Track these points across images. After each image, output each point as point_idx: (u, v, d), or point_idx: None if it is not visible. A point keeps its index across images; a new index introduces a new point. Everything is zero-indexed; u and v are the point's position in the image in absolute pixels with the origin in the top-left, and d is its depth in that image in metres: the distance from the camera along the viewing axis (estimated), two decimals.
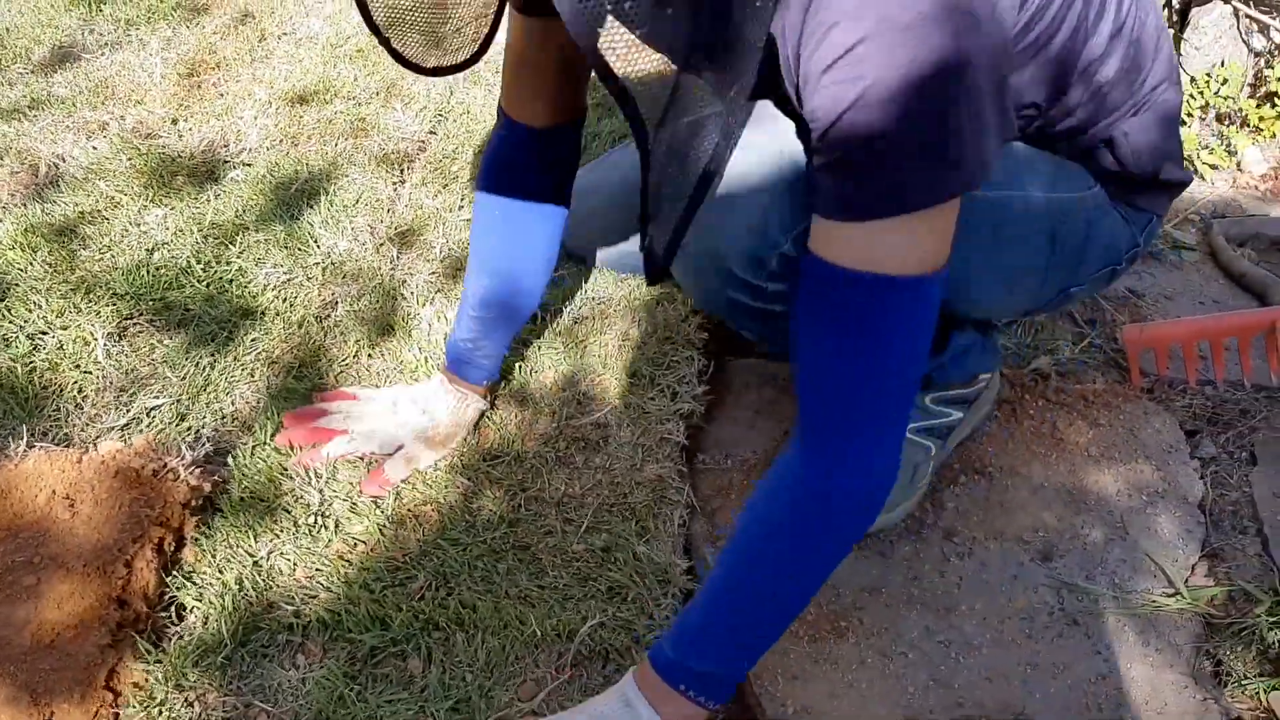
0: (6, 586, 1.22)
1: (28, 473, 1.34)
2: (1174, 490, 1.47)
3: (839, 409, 1.01)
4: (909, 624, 1.33)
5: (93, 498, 1.31)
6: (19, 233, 1.83)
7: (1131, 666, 1.28)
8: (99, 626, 1.19)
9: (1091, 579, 1.37)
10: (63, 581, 1.22)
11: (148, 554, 1.28)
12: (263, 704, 1.21)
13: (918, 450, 1.43)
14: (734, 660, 1.10)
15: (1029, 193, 1.18)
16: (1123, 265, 1.30)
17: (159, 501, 1.33)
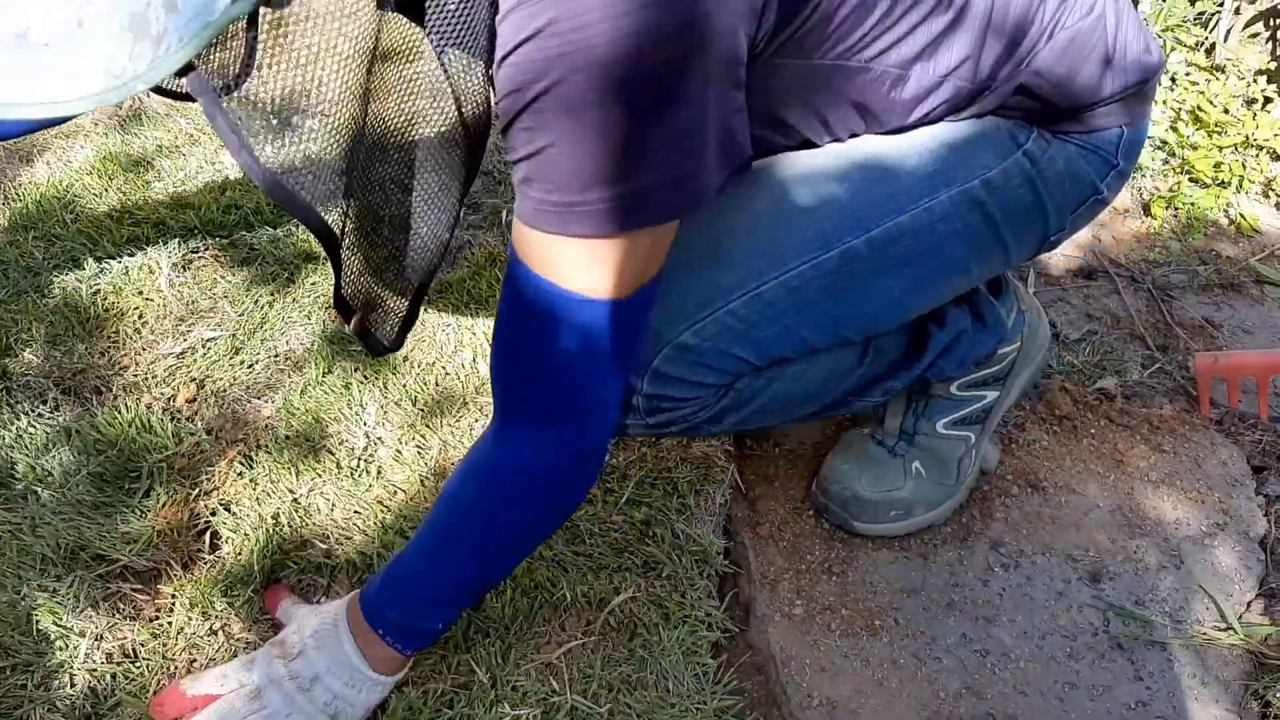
0: None
1: None
2: (1235, 524, 1.42)
3: (510, 396, 1.02)
4: (946, 629, 1.29)
5: None
6: (97, 159, 1.85)
7: (1175, 697, 1.23)
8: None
9: (1141, 604, 1.32)
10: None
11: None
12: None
13: (956, 444, 1.38)
14: (428, 618, 1.10)
15: (931, 199, 1.09)
16: (1104, 193, 1.19)
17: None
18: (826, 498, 1.37)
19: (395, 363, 1.53)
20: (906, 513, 1.36)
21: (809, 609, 1.31)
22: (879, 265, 1.10)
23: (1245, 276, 1.84)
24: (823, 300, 1.10)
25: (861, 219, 1.08)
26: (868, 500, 1.35)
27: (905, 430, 1.38)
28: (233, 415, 1.45)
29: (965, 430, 1.39)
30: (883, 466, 1.37)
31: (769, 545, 1.38)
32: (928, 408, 1.36)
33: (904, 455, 1.38)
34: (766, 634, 1.28)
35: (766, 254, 1.07)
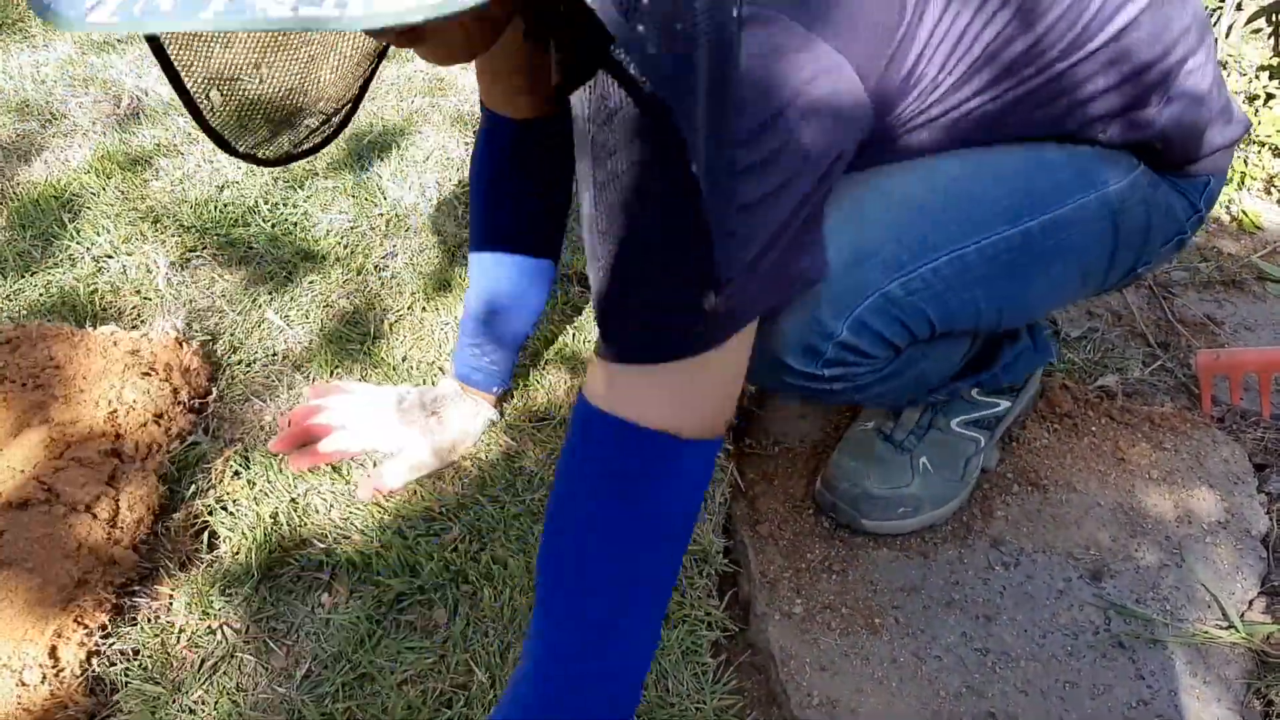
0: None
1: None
2: (1237, 522, 1.41)
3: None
4: (946, 628, 1.28)
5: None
6: (95, 158, 1.84)
7: (1176, 696, 1.22)
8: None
9: (1142, 603, 1.31)
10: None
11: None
12: (284, 639, 1.20)
13: (967, 444, 1.39)
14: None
15: (1085, 197, 1.13)
16: (1187, 233, 1.24)
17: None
18: (834, 495, 1.37)
19: (394, 363, 1.52)
20: (915, 510, 1.36)
21: (809, 608, 1.30)
22: (1044, 253, 1.11)
23: (1247, 273, 1.83)
24: (1003, 277, 1.10)
25: (1038, 202, 1.08)
26: (877, 497, 1.35)
27: (920, 425, 1.38)
28: (230, 415, 1.45)
29: (977, 432, 1.40)
30: (890, 463, 1.37)
31: (768, 544, 1.37)
32: (948, 406, 1.38)
33: (911, 451, 1.38)
34: (766, 633, 1.27)
35: (968, 218, 1.07)
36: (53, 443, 1.30)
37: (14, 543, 1.19)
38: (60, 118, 1.98)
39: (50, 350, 1.41)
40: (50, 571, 1.17)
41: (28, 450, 1.29)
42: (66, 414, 1.33)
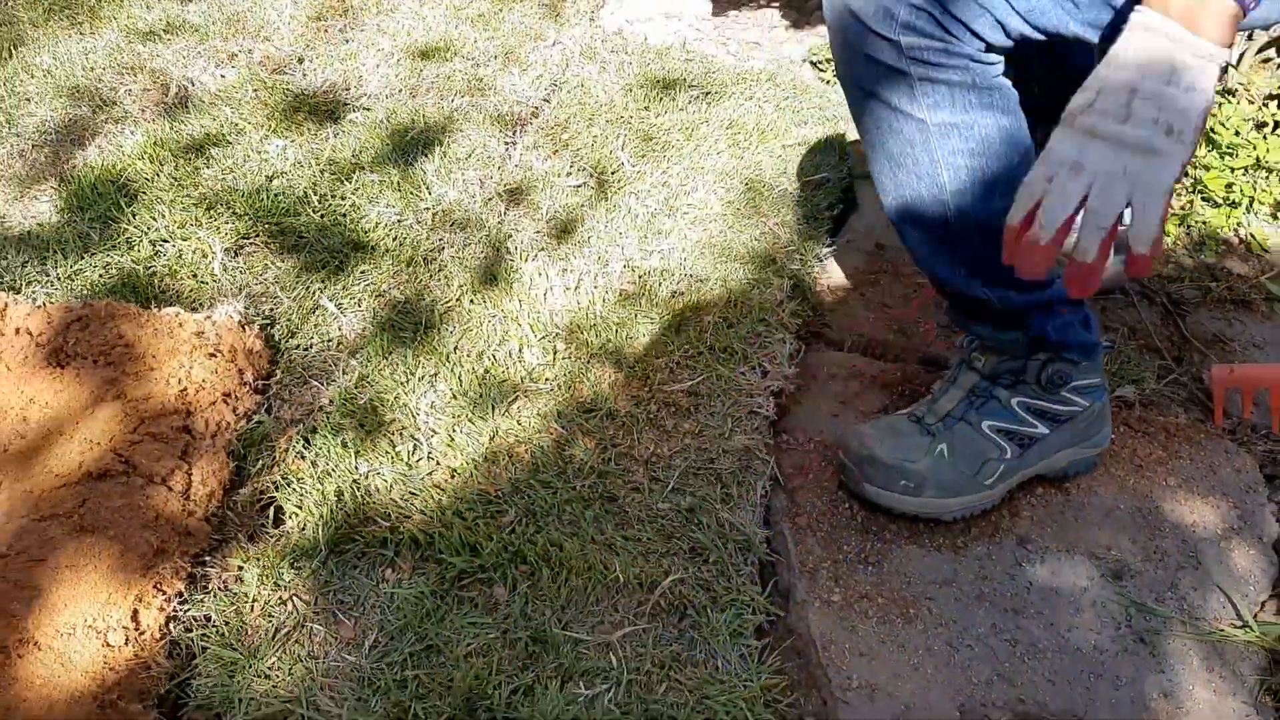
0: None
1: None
2: (1249, 528, 1.49)
3: None
4: (977, 619, 1.35)
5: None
6: (148, 145, 1.89)
7: (1194, 689, 1.30)
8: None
9: (1161, 601, 1.39)
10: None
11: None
12: (351, 611, 1.26)
13: (990, 446, 1.42)
14: None
15: None
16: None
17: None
18: (845, 454, 1.43)
19: (445, 351, 1.58)
20: (918, 488, 1.40)
21: (846, 596, 1.37)
22: None
23: (1255, 293, 1.91)
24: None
25: None
26: (882, 462, 1.39)
27: (952, 414, 1.42)
28: (290, 397, 1.50)
29: (1005, 442, 1.43)
30: (908, 437, 1.41)
31: (807, 535, 1.44)
32: (984, 406, 1.42)
33: (935, 435, 1.41)
34: (807, 619, 1.34)
35: None
36: (126, 417, 1.35)
37: (96, 511, 1.24)
38: (110, 104, 2.02)
39: (119, 329, 1.46)
40: (131, 539, 1.22)
41: (104, 424, 1.34)
42: (139, 390, 1.38)
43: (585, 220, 1.86)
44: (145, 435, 1.33)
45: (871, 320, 1.80)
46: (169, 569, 1.23)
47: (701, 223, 1.88)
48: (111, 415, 1.35)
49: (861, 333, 1.77)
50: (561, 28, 2.47)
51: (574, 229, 1.84)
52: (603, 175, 1.97)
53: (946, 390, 1.45)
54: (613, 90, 2.22)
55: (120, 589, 1.19)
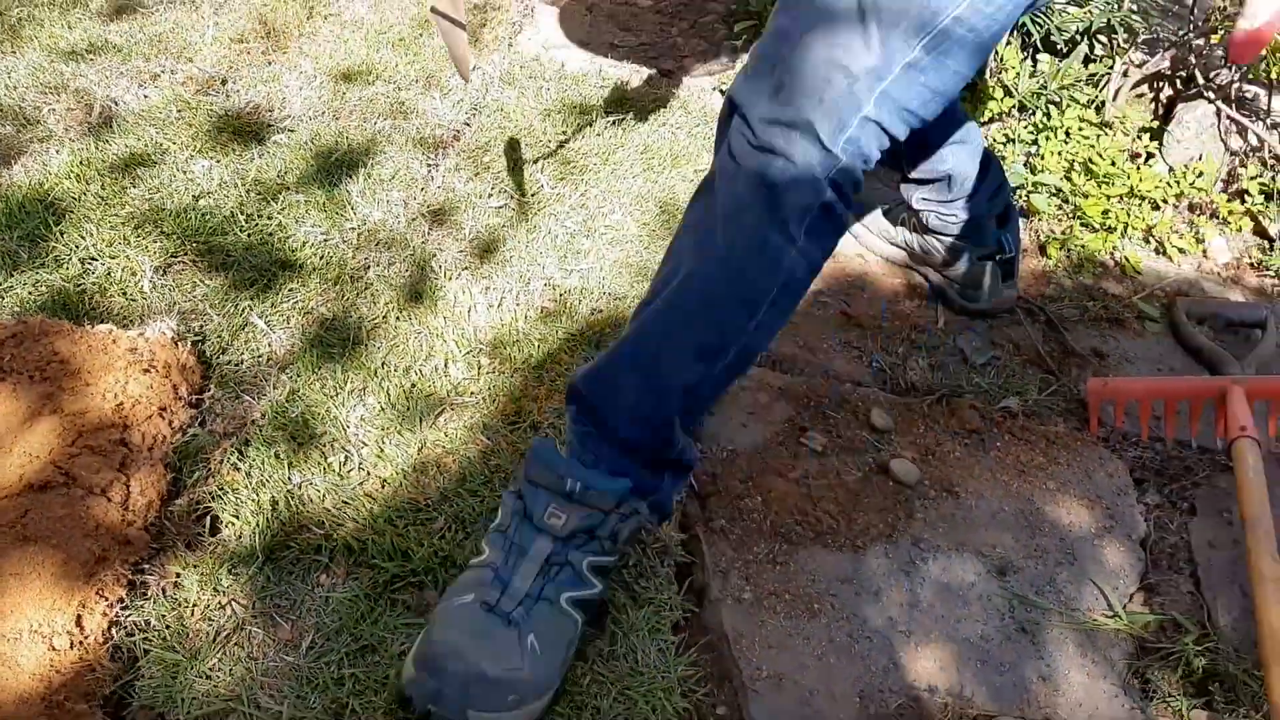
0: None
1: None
2: (1120, 527, 1.63)
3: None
4: (875, 613, 1.46)
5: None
6: (74, 164, 1.93)
7: (1070, 673, 1.42)
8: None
9: (1041, 594, 1.52)
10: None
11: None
12: (288, 614, 1.32)
13: (568, 625, 1.28)
14: None
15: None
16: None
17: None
18: (439, 680, 1.17)
19: (374, 367, 1.65)
20: (521, 700, 1.21)
21: (756, 594, 1.47)
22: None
23: (1129, 312, 2.07)
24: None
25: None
26: (490, 680, 1.19)
27: (531, 594, 1.25)
28: (223, 411, 1.55)
29: (577, 613, 1.29)
30: (498, 640, 1.22)
31: (719, 539, 1.53)
32: (560, 575, 1.27)
33: (520, 626, 1.23)
34: (720, 615, 1.43)
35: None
36: (65, 431, 1.39)
37: (39, 521, 1.28)
38: (34, 123, 2.05)
39: (54, 345, 1.50)
40: (72, 548, 1.27)
41: (42, 437, 1.38)
42: (76, 405, 1.43)
43: (506, 240, 1.95)
44: (84, 448, 1.38)
45: (779, 337, 1.91)
46: (110, 576, 1.28)
47: (619, 243, 1.97)
48: (50, 429, 1.39)
49: (769, 349, 1.88)
50: (480, 53, 2.55)
51: (496, 249, 1.92)
52: (522, 197, 2.05)
53: (517, 565, 1.26)
54: (531, 115, 2.30)
55: (64, 595, 1.23)
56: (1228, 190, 2.35)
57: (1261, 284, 2.21)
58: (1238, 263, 2.26)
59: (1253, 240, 2.31)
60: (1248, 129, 2.33)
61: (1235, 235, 2.30)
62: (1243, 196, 2.30)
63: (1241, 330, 2.06)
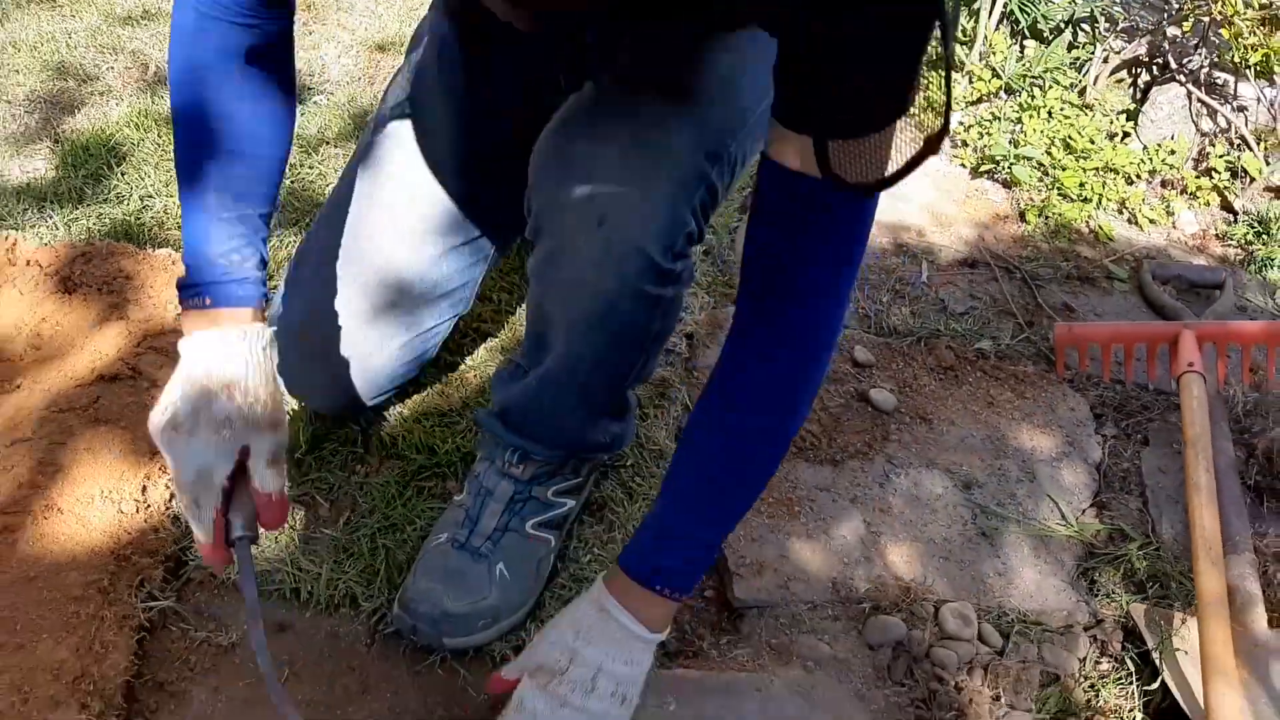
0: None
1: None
2: (1078, 453, 1.79)
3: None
4: (849, 516, 1.63)
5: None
6: (132, 115, 2.11)
7: (1023, 570, 1.59)
8: None
9: (1001, 506, 1.68)
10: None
11: None
12: (328, 495, 1.49)
13: (540, 546, 1.42)
14: (707, 548, 1.16)
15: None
16: None
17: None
18: (415, 619, 1.32)
19: None
20: (493, 620, 1.35)
21: None
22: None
23: (1099, 273, 2.23)
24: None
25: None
26: (456, 615, 1.32)
27: (498, 528, 1.38)
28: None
29: (548, 533, 1.42)
30: (467, 577, 1.35)
31: None
32: (525, 507, 1.40)
33: (488, 557, 1.37)
34: None
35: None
36: (130, 334, 1.57)
37: (109, 406, 1.46)
38: (94, 79, 2.23)
39: (119, 263, 1.67)
40: (139, 430, 1.44)
41: (110, 339, 1.56)
42: (140, 314, 1.60)
43: None
44: (148, 349, 1.55)
45: None
46: None
47: None
48: (117, 332, 1.56)
49: None
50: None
51: None
52: None
53: (483, 506, 1.39)
54: None
55: (130, 468, 1.41)
56: (1197, 168, 2.51)
57: (1225, 253, 2.37)
58: (1204, 234, 2.42)
59: (1219, 214, 2.47)
60: (1217, 111, 2.50)
61: (1203, 209, 2.46)
62: (1211, 173, 2.47)
63: (1203, 291, 2.22)
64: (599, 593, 1.13)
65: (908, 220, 2.31)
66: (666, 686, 1.35)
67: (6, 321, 1.57)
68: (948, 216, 2.34)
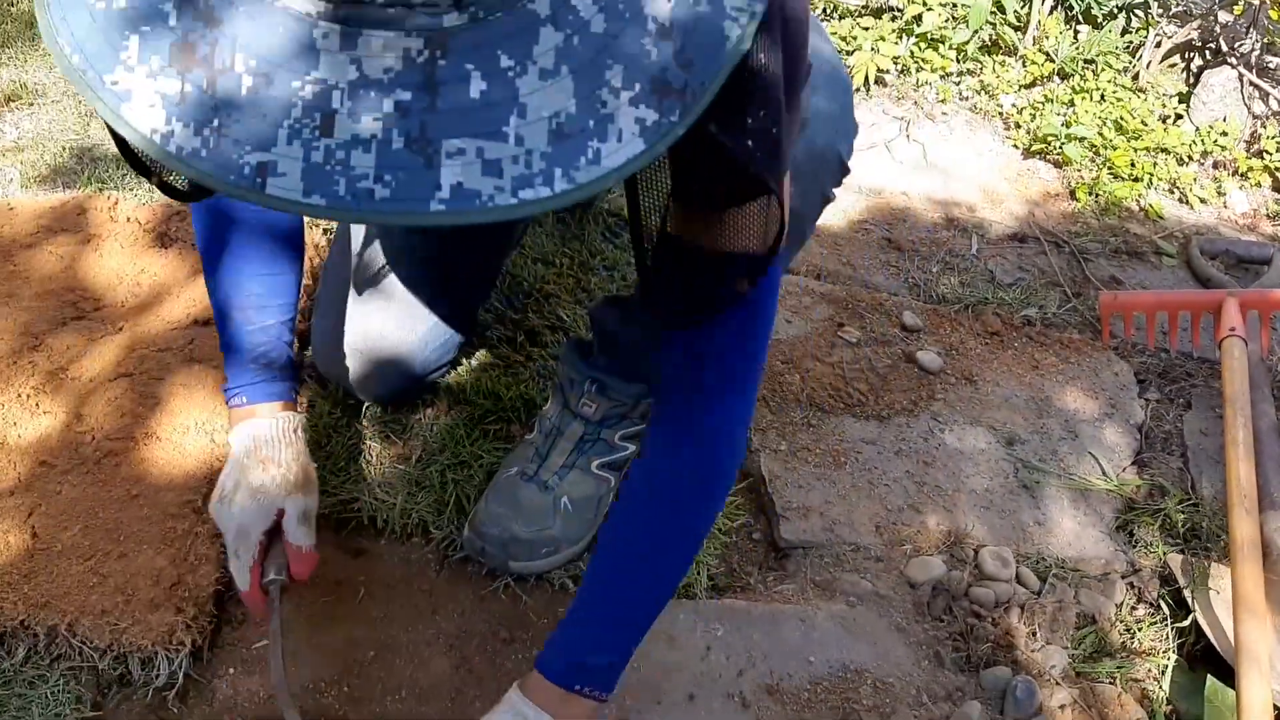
0: None
1: None
2: (1120, 414, 1.85)
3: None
4: (895, 468, 1.70)
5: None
6: None
7: (1063, 521, 1.65)
8: None
9: (1043, 461, 1.74)
10: None
11: None
12: (400, 435, 1.59)
13: (602, 485, 1.49)
14: (624, 645, 1.15)
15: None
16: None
17: None
18: (484, 541, 1.42)
19: None
20: (555, 549, 1.44)
21: (791, 447, 1.71)
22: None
23: (1147, 248, 2.28)
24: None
25: None
26: (523, 540, 1.41)
27: (565, 465, 1.46)
28: None
29: (610, 474, 1.50)
30: (534, 506, 1.43)
31: (760, 405, 1.78)
32: (592, 447, 1.48)
33: (554, 491, 1.45)
34: (758, 461, 1.68)
35: None
36: None
37: (202, 347, 1.58)
38: None
39: None
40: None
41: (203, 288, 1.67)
42: None
43: None
44: None
45: (824, 255, 2.15)
46: None
47: None
48: None
49: (815, 264, 2.12)
50: None
51: None
52: None
53: (553, 444, 1.48)
54: None
55: (221, 404, 1.51)
56: (1249, 149, 2.54)
57: (1275, 232, 2.40)
58: (1254, 213, 2.45)
59: (1270, 195, 2.50)
60: (1269, 94, 2.52)
61: (1254, 189, 2.49)
62: (1262, 155, 2.50)
63: (1251, 266, 2.25)
64: (516, 700, 1.12)
65: (959, 196, 2.37)
66: (714, 614, 1.44)
67: (109, 272, 1.70)
68: (999, 194, 2.40)
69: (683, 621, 1.43)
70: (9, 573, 1.29)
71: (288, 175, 0.55)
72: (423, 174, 0.55)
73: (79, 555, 1.31)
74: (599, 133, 0.58)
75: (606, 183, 0.58)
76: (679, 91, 0.60)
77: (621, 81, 0.58)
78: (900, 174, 2.41)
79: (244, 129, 0.55)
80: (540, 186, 0.57)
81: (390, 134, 0.55)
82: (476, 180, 0.56)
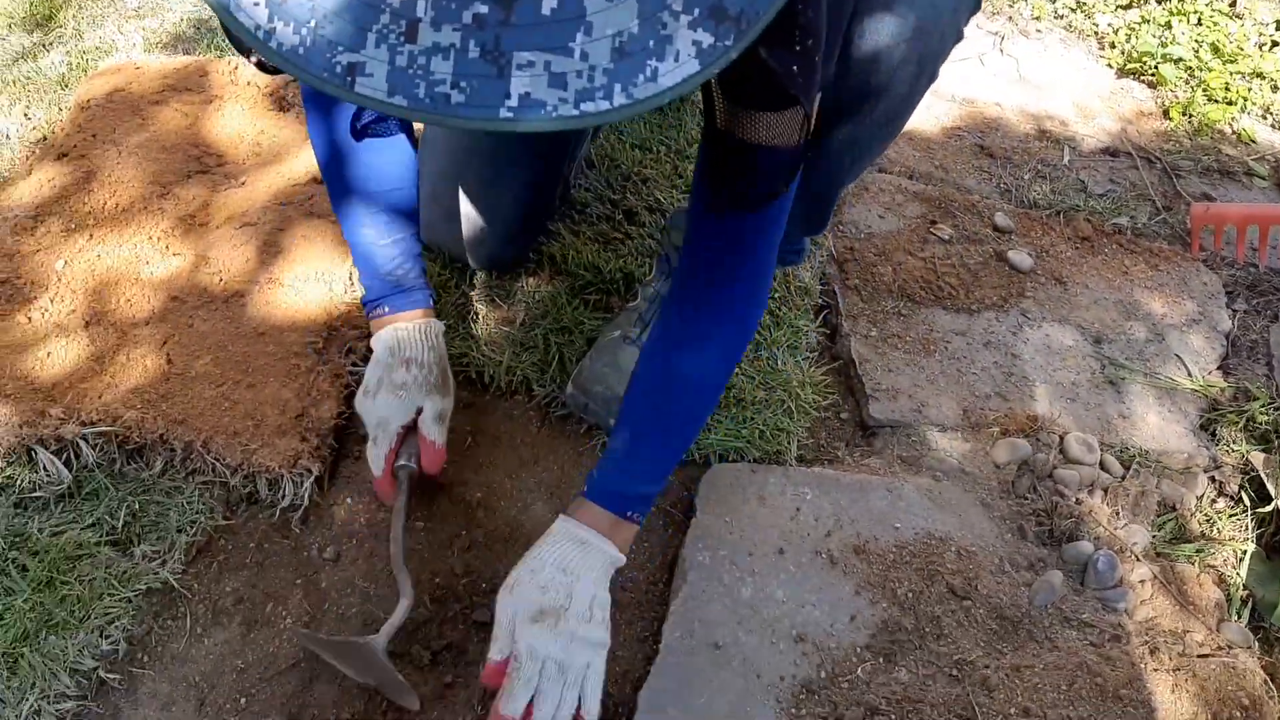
0: None
1: None
2: (1208, 321, 1.86)
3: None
4: (983, 358, 1.73)
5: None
6: None
7: (1147, 416, 1.67)
8: None
9: (1129, 360, 1.76)
10: None
11: None
12: (505, 300, 1.65)
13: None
14: (663, 475, 1.24)
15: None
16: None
17: None
18: (588, 398, 1.49)
19: None
20: None
21: (881, 334, 1.75)
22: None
23: (1240, 169, 2.27)
24: None
25: None
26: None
27: None
28: None
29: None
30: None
31: (852, 293, 1.82)
32: None
33: None
34: (849, 346, 1.72)
35: None
36: None
37: (321, 203, 1.64)
38: None
39: None
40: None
41: None
42: None
43: None
44: None
45: (918, 157, 2.17)
46: None
47: None
48: None
49: (908, 165, 2.14)
50: None
51: None
52: None
53: (655, 309, 1.54)
54: None
55: (340, 256, 1.58)
56: None
57: None
58: None
59: None
60: None
61: None
62: None
63: None
64: (571, 527, 1.18)
65: (1052, 110, 2.37)
66: (803, 480, 1.49)
67: (231, 131, 1.76)
68: (1092, 110, 2.39)
69: (773, 484, 1.48)
70: (147, 392, 1.36)
71: (374, 76, 0.59)
72: (494, 83, 0.59)
73: (211, 382, 1.39)
74: (658, 52, 0.61)
75: (662, 100, 0.62)
76: (734, 18, 0.63)
77: (682, 5, 0.61)
78: (993, 86, 2.41)
79: (337, 30, 0.59)
80: (600, 100, 0.61)
81: (468, 44, 0.59)
82: (543, 91, 0.60)
